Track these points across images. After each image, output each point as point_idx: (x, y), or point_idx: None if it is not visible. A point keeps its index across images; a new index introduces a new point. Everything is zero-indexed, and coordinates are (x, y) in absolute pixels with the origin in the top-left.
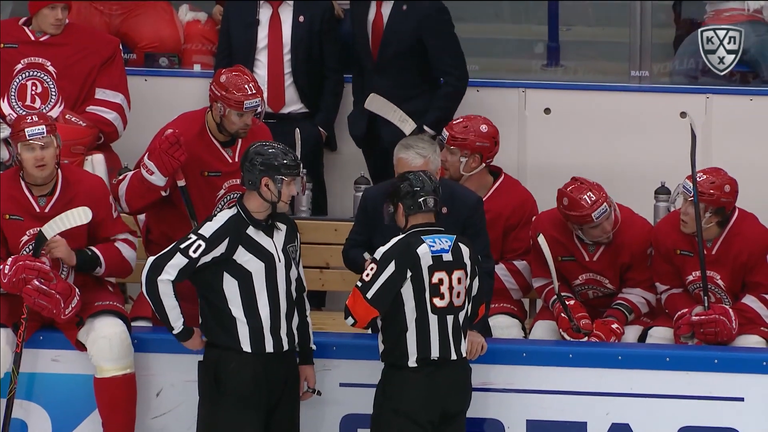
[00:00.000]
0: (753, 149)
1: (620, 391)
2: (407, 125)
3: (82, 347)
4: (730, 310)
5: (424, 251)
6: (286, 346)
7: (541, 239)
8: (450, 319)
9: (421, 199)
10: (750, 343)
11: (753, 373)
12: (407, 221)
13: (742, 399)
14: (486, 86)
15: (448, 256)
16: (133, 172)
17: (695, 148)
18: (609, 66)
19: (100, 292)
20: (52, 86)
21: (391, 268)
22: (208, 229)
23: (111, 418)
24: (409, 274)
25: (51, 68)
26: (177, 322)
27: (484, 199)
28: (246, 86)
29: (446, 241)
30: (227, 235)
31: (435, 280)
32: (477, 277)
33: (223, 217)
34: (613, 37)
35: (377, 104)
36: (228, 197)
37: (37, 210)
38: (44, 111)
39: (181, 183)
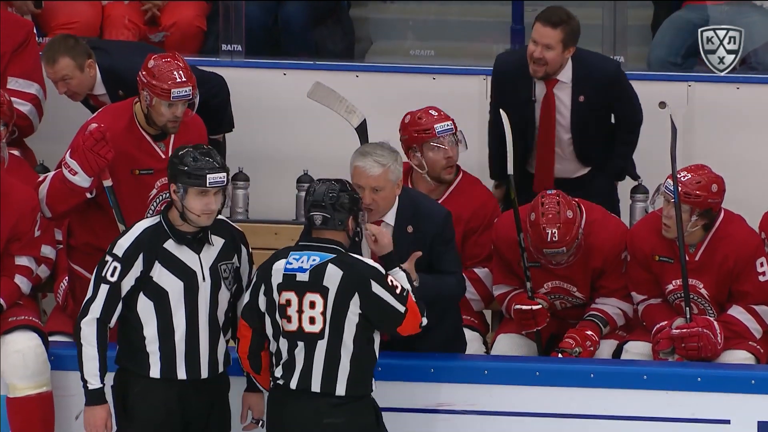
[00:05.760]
0: (739, 142)
1: (593, 412)
2: (355, 117)
3: None
4: (715, 323)
5: (278, 267)
6: (205, 374)
7: (504, 118)
8: (301, 345)
9: (309, 215)
10: (737, 359)
11: (740, 392)
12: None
13: (728, 422)
14: (443, 73)
15: (303, 276)
16: (54, 172)
17: (675, 142)
18: None
19: (14, 307)
20: None
21: (254, 278)
22: (120, 246)
23: None
24: (263, 288)
25: None
26: (92, 378)
27: (441, 201)
28: (175, 73)
29: (314, 260)
30: (140, 250)
31: (283, 300)
32: (364, 306)
33: (136, 230)
34: (585, 18)
35: (321, 94)
36: (161, 197)
37: None
38: None
39: (108, 183)
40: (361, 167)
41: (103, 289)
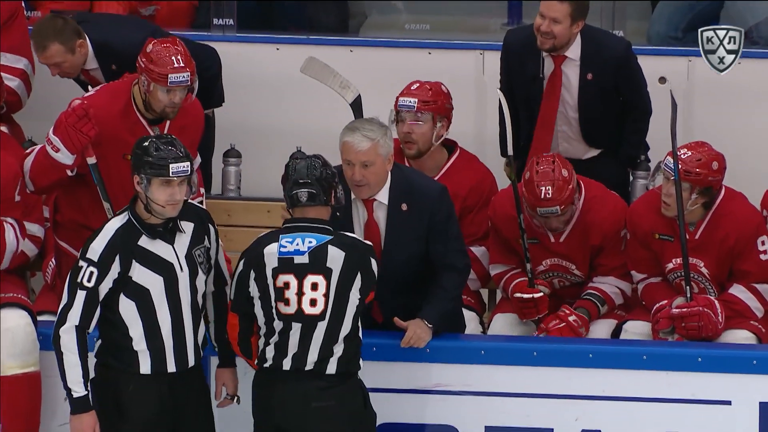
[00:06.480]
0: (741, 118)
1: (591, 393)
2: (349, 93)
3: None
4: (716, 302)
5: (270, 251)
6: (192, 362)
7: (502, 98)
8: (297, 327)
9: (292, 193)
10: (738, 339)
11: (741, 373)
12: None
13: (729, 402)
14: (439, 48)
15: (302, 259)
16: (41, 146)
17: (676, 118)
18: None
19: (3, 283)
20: None
21: (240, 266)
22: (93, 251)
23: (11, 423)
24: (253, 274)
25: None
26: (76, 386)
27: (437, 179)
28: (173, 58)
29: (310, 242)
30: (115, 251)
31: (280, 283)
32: (363, 284)
33: (108, 231)
34: None
35: (314, 69)
36: None
37: None
38: None
39: (92, 161)
40: (350, 142)
41: (80, 295)
